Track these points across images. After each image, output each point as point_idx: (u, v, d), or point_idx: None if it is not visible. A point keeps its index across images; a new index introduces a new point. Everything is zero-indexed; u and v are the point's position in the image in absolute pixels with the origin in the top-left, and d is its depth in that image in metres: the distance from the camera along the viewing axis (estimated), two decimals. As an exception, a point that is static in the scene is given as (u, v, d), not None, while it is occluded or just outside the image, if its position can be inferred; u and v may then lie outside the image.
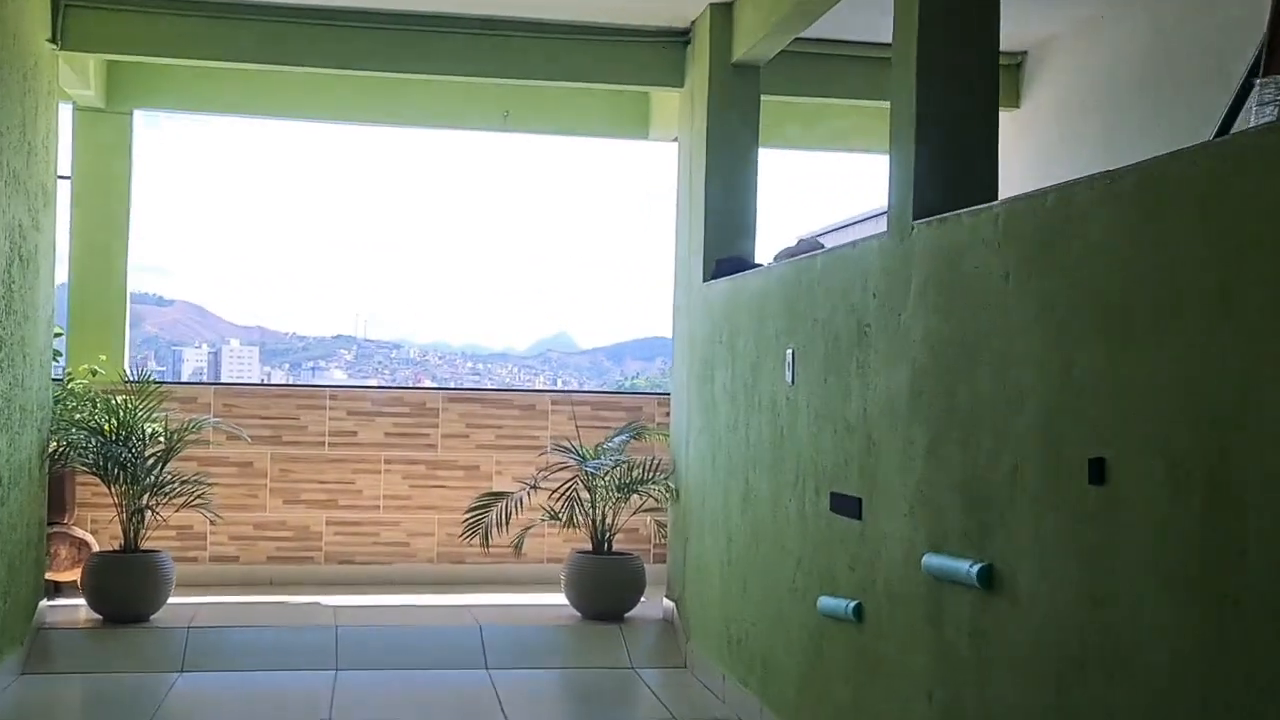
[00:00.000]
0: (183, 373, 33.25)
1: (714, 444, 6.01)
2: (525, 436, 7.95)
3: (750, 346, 5.48)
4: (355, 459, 7.76)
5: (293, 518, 7.69)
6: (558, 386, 11.45)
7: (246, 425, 7.59)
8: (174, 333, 39.70)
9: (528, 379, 34.16)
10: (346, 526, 7.75)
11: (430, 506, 7.83)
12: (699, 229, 6.44)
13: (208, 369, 32.97)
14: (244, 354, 34.75)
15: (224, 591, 7.32)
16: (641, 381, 33.95)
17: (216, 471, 7.56)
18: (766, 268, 5.54)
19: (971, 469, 3.47)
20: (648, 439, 7.22)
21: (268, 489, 7.66)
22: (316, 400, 7.76)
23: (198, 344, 37.08)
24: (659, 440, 7.20)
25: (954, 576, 3.47)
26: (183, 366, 33.91)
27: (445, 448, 7.86)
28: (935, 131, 3.95)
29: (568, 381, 33.77)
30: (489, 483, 7.87)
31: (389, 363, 35.78)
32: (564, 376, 35.80)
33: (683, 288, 6.77)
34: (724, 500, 5.82)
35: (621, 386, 12.06)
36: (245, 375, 33.19)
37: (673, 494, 6.74)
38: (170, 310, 42.56)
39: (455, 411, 7.90)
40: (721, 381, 5.90)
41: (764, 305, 5.32)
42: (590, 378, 36.67)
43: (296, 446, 7.70)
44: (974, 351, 3.48)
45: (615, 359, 40.68)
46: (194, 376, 33.44)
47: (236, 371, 32.82)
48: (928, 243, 3.80)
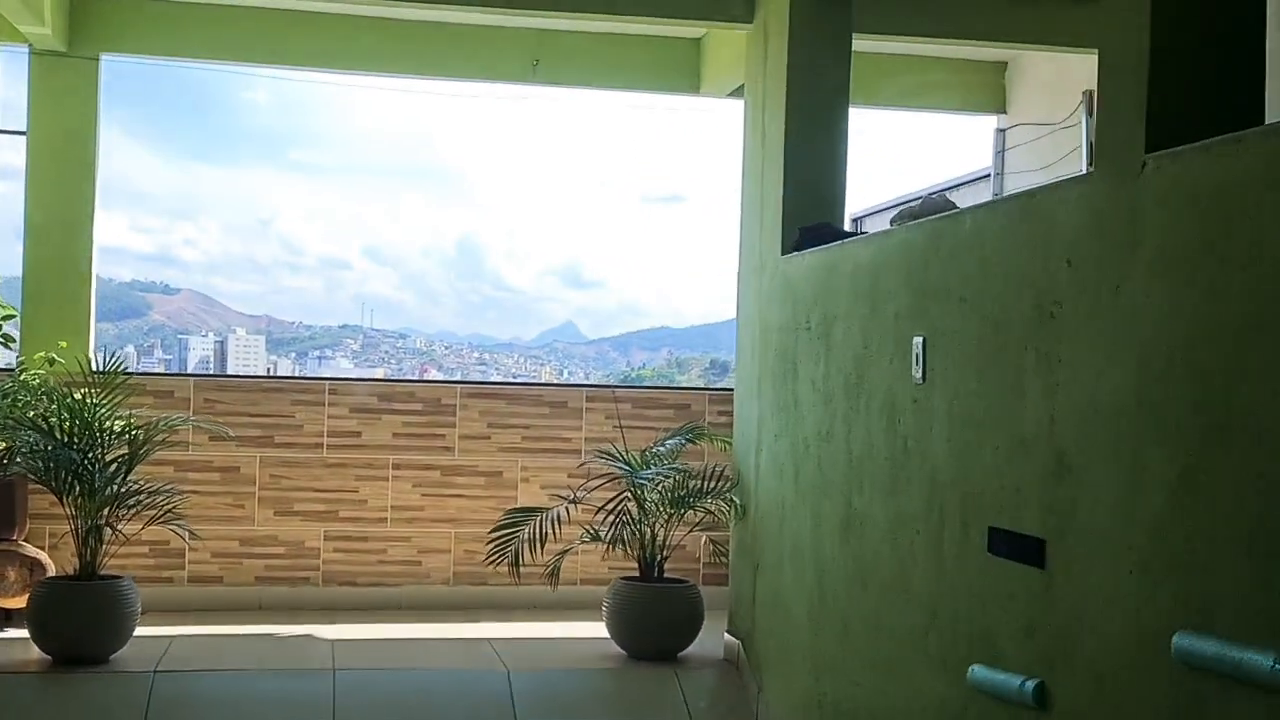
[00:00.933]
0: (189, 361, 32.09)
1: (797, 454, 4.87)
2: (556, 438, 6.81)
3: (853, 333, 4.34)
4: (359, 463, 6.63)
5: (285, 532, 6.56)
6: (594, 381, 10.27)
7: (233, 424, 6.46)
8: (181, 321, 38.59)
9: (534, 370, 32.99)
10: (348, 542, 6.62)
11: (446, 519, 6.70)
12: (774, 193, 5.30)
13: (214, 358, 31.98)
14: (250, 343, 33.83)
15: (204, 619, 6.21)
16: (648, 373, 32.85)
17: (196, 478, 6.44)
18: (881, 233, 4.39)
19: (1262, 510, 2.33)
20: (708, 443, 6.05)
21: (256, 498, 6.54)
22: (314, 394, 6.63)
23: (204, 332, 36.05)
24: (719, 446, 6.04)
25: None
26: (189, 355, 32.95)
27: (463, 451, 6.73)
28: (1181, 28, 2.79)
29: (574, 373, 32.55)
30: (513, 492, 6.74)
31: (395, 352, 34.87)
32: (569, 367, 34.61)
33: (751, 265, 5.63)
34: (812, 524, 4.69)
35: (658, 379, 10.92)
36: (252, 364, 32.10)
37: (736, 510, 5.60)
38: (177, 299, 41.42)
39: (475, 409, 6.76)
40: (809, 377, 4.77)
41: (877, 281, 4.18)
42: (596, 369, 35.48)
43: (291, 449, 6.57)
44: (1264, 341, 2.34)
45: (621, 349, 39.53)
46: (200, 365, 32.23)
47: (243, 360, 31.82)
48: (1175, 184, 2.65)
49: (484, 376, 33.62)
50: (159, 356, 39.68)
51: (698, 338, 57.25)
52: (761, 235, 5.47)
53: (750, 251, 5.65)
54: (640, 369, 36.15)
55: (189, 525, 5.73)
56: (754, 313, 5.53)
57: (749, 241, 5.67)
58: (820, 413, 4.63)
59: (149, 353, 40.93)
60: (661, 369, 37.96)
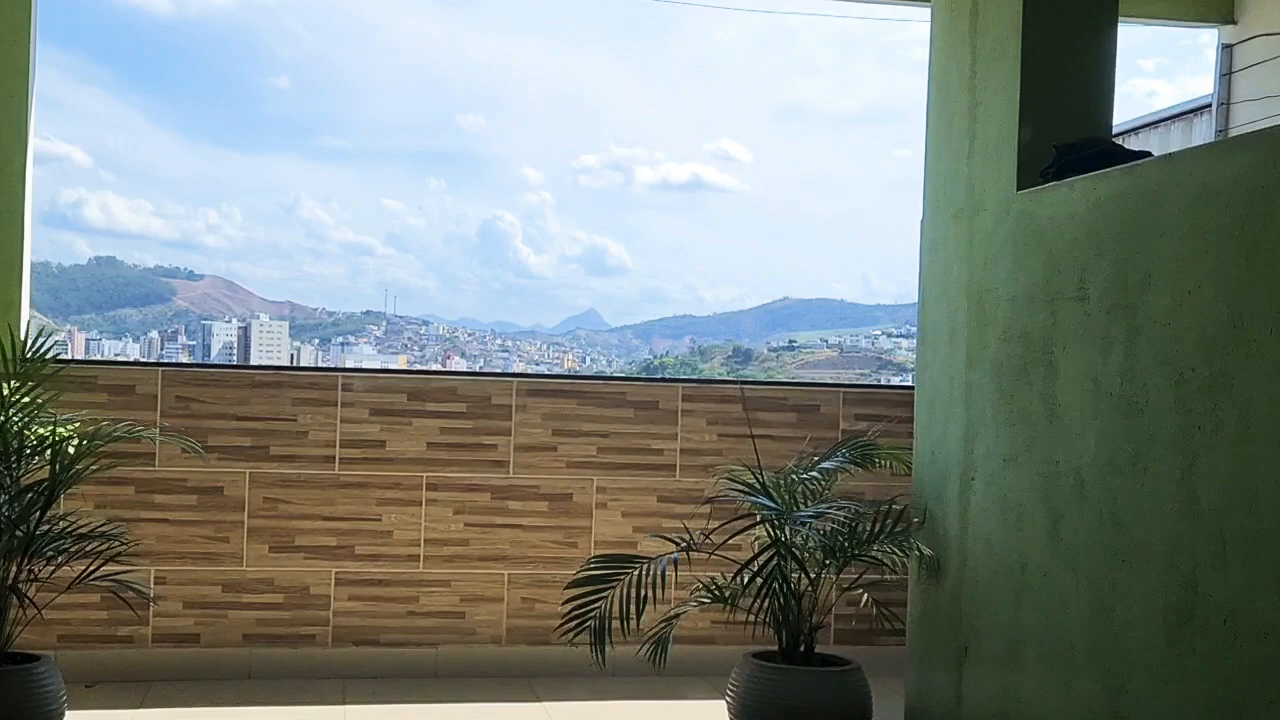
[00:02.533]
0: (213, 348, 30.40)
1: (1057, 492, 3.14)
2: (643, 449, 5.09)
3: (1203, 304, 2.60)
4: (382, 482, 4.93)
5: (284, 574, 4.86)
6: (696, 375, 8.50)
7: (214, 431, 4.78)
8: (204, 307, 36.95)
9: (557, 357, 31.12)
10: (367, 588, 4.92)
11: (497, 557, 5.00)
12: (1000, 103, 3.55)
13: (237, 344, 30.33)
14: (273, 329, 32.16)
15: (173, 694, 4.52)
16: (670, 360, 30.75)
17: (164, 503, 4.75)
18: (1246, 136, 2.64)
19: None
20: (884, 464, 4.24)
21: (245, 529, 4.84)
22: (323, 390, 4.92)
23: (227, 318, 34.51)
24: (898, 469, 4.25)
25: None
26: (213, 341, 31.36)
27: (522, 466, 5.02)
28: None
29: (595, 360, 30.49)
30: (586, 521, 5.04)
31: (417, 339, 33.17)
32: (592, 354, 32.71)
33: (948, 209, 3.88)
34: (1094, 608, 2.95)
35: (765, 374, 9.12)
36: (275, 350, 30.52)
37: (921, 564, 3.87)
38: (200, 285, 39.78)
39: (537, 410, 5.04)
40: (1087, 374, 3.03)
41: (1257, 219, 2.43)
42: (618, 356, 33.26)
43: (292, 463, 4.87)
44: None
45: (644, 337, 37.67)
46: (223, 352, 30.53)
47: (266, 347, 30.27)
48: None
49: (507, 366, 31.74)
50: (182, 342, 38.21)
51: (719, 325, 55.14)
52: (971, 166, 3.72)
53: (948, 190, 3.90)
54: (663, 356, 34.44)
55: (145, 580, 4.02)
56: (959, 277, 3.78)
57: (945, 177, 3.92)
58: (1115, 430, 2.89)
59: (173, 338, 39.27)
60: (684, 357, 36.28)
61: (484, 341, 49.62)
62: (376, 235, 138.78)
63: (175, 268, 61.18)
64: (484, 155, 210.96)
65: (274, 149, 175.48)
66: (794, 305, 60.67)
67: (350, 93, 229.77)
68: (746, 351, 50.62)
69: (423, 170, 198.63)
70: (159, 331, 50.31)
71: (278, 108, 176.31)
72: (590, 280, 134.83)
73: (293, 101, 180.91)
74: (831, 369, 44.92)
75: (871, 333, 48.47)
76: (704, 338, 54.20)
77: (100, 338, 47.24)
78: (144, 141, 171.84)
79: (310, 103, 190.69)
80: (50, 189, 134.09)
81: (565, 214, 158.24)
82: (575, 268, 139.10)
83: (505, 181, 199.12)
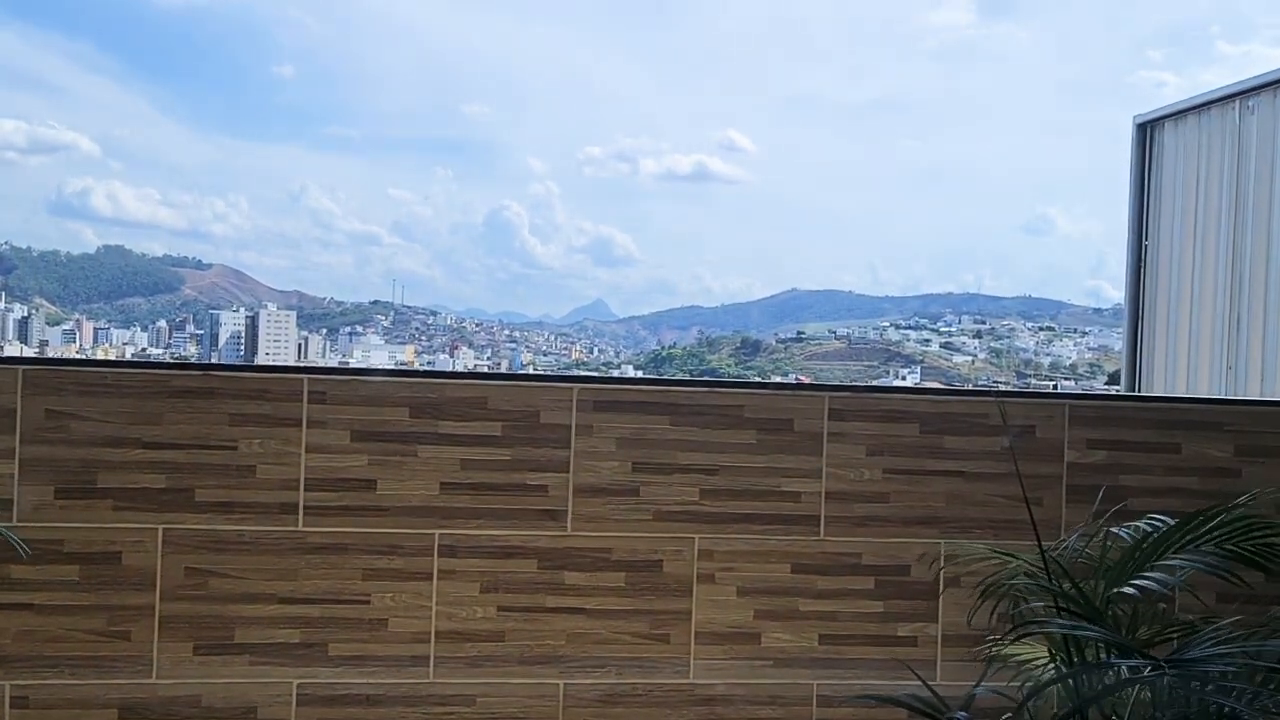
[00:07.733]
0: (220, 337, 28.36)
1: None
2: (770, 492, 3.25)
3: None
4: (371, 544, 3.10)
5: (217, 689, 3.04)
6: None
7: (106, 464, 2.96)
8: (212, 296, 35.01)
9: (564, 348, 28.91)
10: (349, 710, 3.09)
11: (548, 658, 3.16)
12: None
13: (245, 334, 28.48)
14: (281, 319, 30.16)
15: None
16: (678, 351, 28.34)
17: (25, 579, 2.93)
18: None
19: None
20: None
21: (156, 619, 3.01)
22: (280, 401, 3.08)
23: (235, 308, 32.67)
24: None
25: None
26: (220, 330, 29.57)
27: (584, 518, 3.18)
28: None
29: (603, 350, 28.55)
30: (685, 603, 3.20)
31: (425, 329, 31.11)
32: (600, 345, 30.54)
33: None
34: None
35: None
36: (283, 341, 28.64)
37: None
38: (208, 274, 37.75)
39: (609, 433, 3.20)
40: None
41: None
42: (626, 347, 30.85)
43: (229, 515, 3.04)
44: None
45: (651, 328, 35.47)
46: (231, 341, 28.49)
47: (274, 337, 28.41)
48: None
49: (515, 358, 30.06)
50: (190, 332, 36.50)
51: (727, 316, 53.47)
52: None
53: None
54: (671, 348, 32.53)
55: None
56: None
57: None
58: None
59: (180, 327, 37.61)
60: (692, 348, 34.43)
61: (491, 332, 47.76)
62: (383, 224, 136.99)
63: (183, 257, 59.32)
64: (491, 145, 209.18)
65: (281, 138, 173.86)
66: (801, 296, 59.00)
67: (357, 82, 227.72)
68: (755, 343, 48.95)
69: (430, 160, 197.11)
70: (167, 320, 48.51)
71: (285, 96, 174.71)
72: (598, 270, 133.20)
73: (299, 90, 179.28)
74: (840, 361, 43.26)
75: (880, 324, 46.83)
76: (712, 329, 52.44)
77: (109, 327, 45.65)
78: (151, 130, 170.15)
79: (317, 92, 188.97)
80: (57, 177, 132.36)
81: (572, 204, 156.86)
82: (582, 258, 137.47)
83: (512, 171, 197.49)
